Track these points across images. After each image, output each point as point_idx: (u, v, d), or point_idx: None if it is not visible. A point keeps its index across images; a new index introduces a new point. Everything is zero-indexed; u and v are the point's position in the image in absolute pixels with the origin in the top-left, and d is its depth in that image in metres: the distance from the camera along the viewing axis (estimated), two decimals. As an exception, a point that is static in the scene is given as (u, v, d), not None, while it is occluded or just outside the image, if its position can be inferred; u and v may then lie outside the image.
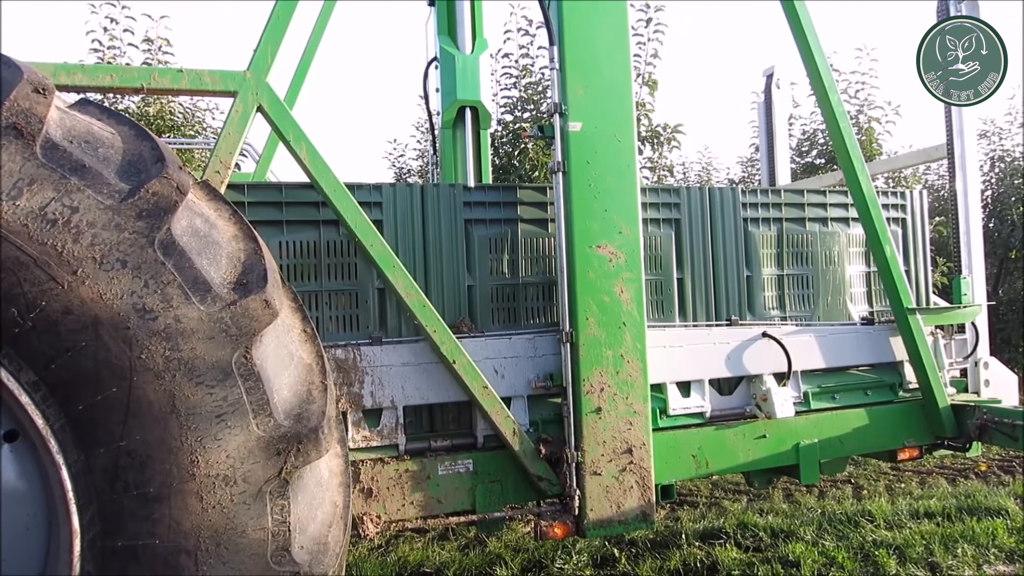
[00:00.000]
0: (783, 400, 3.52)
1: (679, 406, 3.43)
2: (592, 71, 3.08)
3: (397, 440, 2.96)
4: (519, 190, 3.34)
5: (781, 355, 3.59)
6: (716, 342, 3.54)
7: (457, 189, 3.23)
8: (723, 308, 3.65)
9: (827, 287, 3.93)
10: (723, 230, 3.69)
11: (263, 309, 1.88)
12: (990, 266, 10.33)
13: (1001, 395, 4.04)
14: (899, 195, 4.16)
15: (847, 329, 3.88)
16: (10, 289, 1.67)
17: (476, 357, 3.01)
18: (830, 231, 3.96)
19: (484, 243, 3.24)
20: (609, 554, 4.67)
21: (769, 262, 3.81)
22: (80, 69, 2.52)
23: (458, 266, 3.19)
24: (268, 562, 1.84)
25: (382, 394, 2.95)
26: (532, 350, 3.18)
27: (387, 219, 3.09)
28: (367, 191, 3.08)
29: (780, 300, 3.82)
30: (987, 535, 4.68)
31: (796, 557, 4.44)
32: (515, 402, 3.13)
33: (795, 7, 3.60)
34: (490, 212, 3.27)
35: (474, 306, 3.21)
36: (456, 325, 3.10)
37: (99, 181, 1.77)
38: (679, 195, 3.62)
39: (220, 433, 1.79)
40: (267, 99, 2.68)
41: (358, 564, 4.61)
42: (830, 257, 3.95)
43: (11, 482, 1.79)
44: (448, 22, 4.43)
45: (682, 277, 3.59)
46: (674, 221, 3.60)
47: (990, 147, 11.76)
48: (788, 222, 3.86)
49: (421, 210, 3.15)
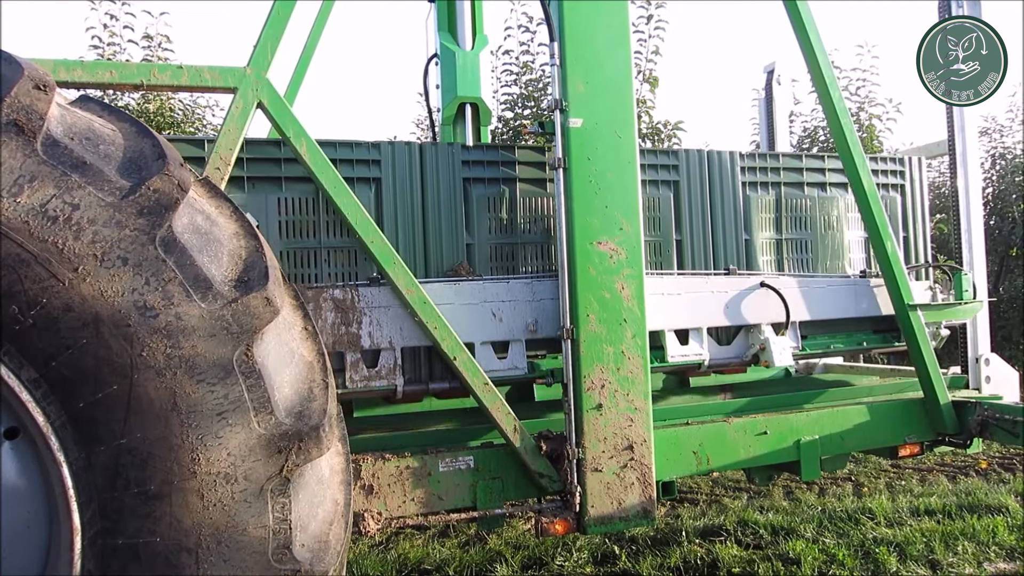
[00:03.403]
0: (781, 349, 3.54)
1: (677, 353, 3.45)
2: (593, 67, 3.07)
3: (396, 381, 2.98)
4: (517, 150, 3.37)
5: (779, 305, 3.61)
6: (714, 291, 3.57)
7: (455, 148, 3.26)
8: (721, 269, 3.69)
9: (826, 251, 3.96)
10: (721, 193, 3.71)
11: (264, 307, 1.88)
12: (991, 263, 10.32)
13: (1002, 392, 4.05)
14: (898, 161, 4.18)
15: (845, 281, 3.92)
16: (11, 286, 1.67)
17: (474, 300, 3.05)
18: (829, 196, 3.97)
19: (482, 202, 3.27)
20: (609, 551, 4.67)
21: (767, 226, 3.84)
22: (80, 65, 2.51)
23: (457, 224, 3.21)
24: (269, 560, 1.84)
25: (380, 335, 2.96)
26: (530, 294, 3.20)
27: (386, 177, 3.12)
28: (365, 149, 3.11)
29: (779, 264, 3.86)
30: (988, 532, 4.68)
31: (796, 554, 4.44)
32: (513, 346, 3.15)
33: (796, 3, 3.59)
34: (488, 171, 3.30)
35: (473, 264, 3.24)
36: (455, 268, 3.14)
37: (100, 178, 1.76)
38: (677, 157, 3.65)
39: (221, 431, 1.79)
40: (267, 95, 2.67)
41: (358, 561, 4.61)
42: (828, 222, 3.97)
43: (12, 480, 1.78)
44: (448, 18, 4.42)
45: (681, 239, 3.63)
46: (673, 183, 3.61)
47: (991, 144, 11.75)
48: (786, 186, 3.89)
49: (420, 168, 3.18)
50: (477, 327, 3.13)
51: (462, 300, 3.12)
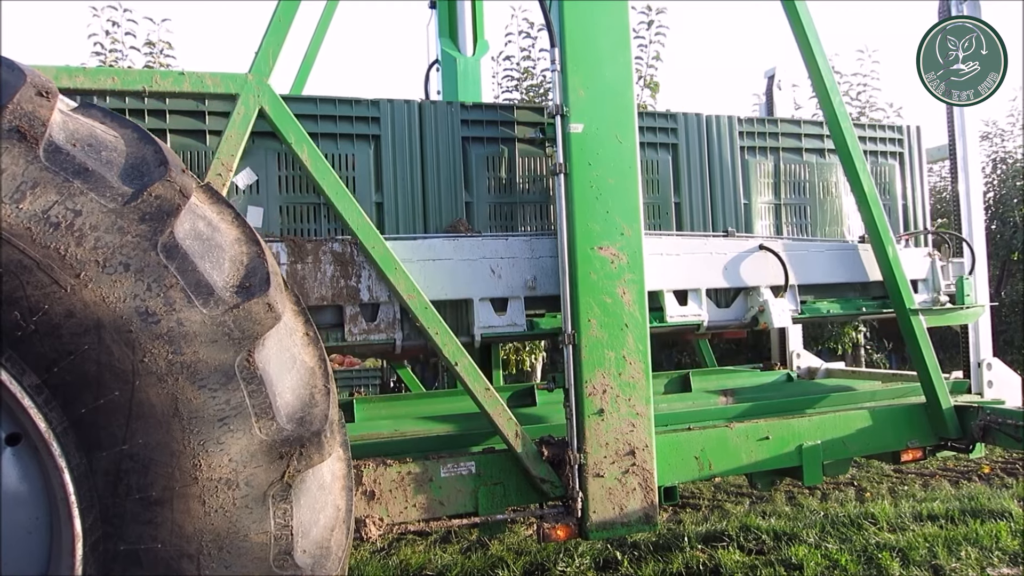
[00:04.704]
0: (780, 311, 3.54)
1: (676, 313, 3.45)
2: (593, 72, 3.08)
3: (395, 336, 2.97)
4: (516, 110, 3.39)
5: (778, 267, 3.62)
6: (713, 252, 3.57)
7: (455, 107, 3.28)
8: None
9: (824, 217, 3.97)
10: (720, 157, 3.73)
11: (266, 312, 1.88)
12: (992, 268, 10.31)
13: (1004, 396, 4.04)
14: (896, 129, 4.19)
15: (843, 246, 3.93)
16: (13, 292, 1.67)
17: (473, 256, 3.06)
18: (827, 162, 3.97)
19: (481, 161, 3.29)
20: (611, 557, 4.66)
21: (766, 191, 3.85)
22: (82, 72, 2.52)
23: (456, 182, 3.23)
24: (270, 566, 1.84)
25: (379, 289, 2.95)
26: (529, 251, 3.20)
27: (385, 135, 3.14)
28: (365, 106, 3.12)
29: (777, 229, 3.88)
30: (991, 538, 4.67)
31: (799, 560, 4.43)
32: (512, 303, 3.16)
33: (796, 8, 3.60)
34: (487, 131, 3.31)
35: (472, 222, 3.26)
36: (454, 225, 3.15)
37: (102, 184, 1.77)
38: (676, 120, 3.66)
39: (223, 437, 1.79)
40: (269, 101, 2.68)
41: (360, 567, 4.60)
42: (827, 188, 3.98)
43: (13, 485, 1.78)
44: (449, 24, 4.44)
45: (679, 201, 3.64)
46: (671, 146, 3.63)
47: (992, 149, 11.76)
48: (785, 152, 3.89)
49: (419, 126, 3.19)
50: (476, 283, 3.12)
51: (461, 256, 3.11)
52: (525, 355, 8.10)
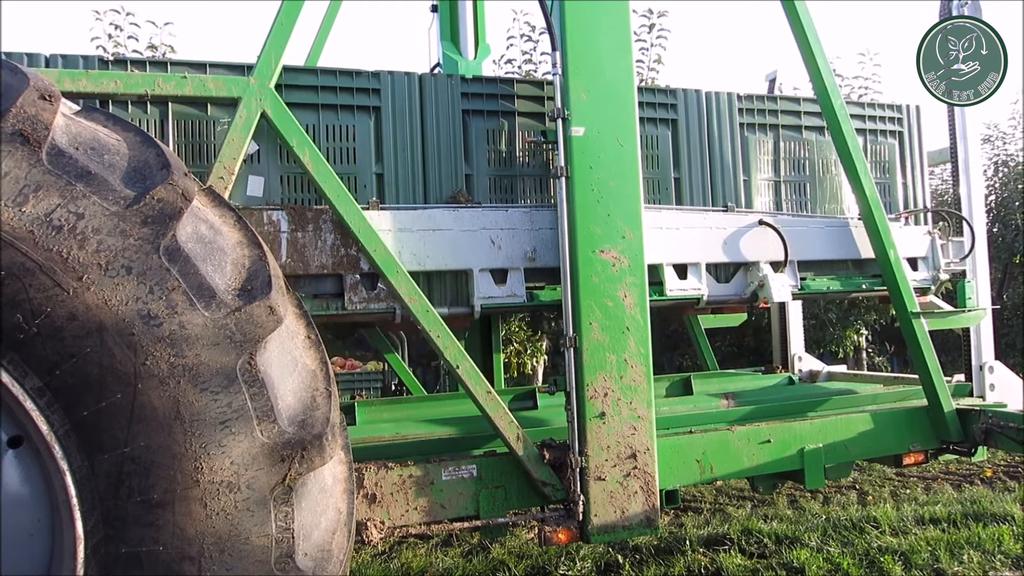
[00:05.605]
0: (780, 286, 3.54)
1: (676, 287, 3.45)
2: (595, 76, 3.08)
3: (394, 305, 2.98)
4: (516, 84, 3.41)
5: (777, 242, 3.63)
6: (713, 226, 3.58)
7: (455, 80, 3.29)
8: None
9: (824, 194, 3.97)
10: (719, 134, 3.73)
11: (267, 315, 1.88)
12: (994, 271, 10.31)
13: (1006, 399, 4.03)
14: (895, 108, 4.20)
15: (843, 222, 3.93)
16: (15, 295, 1.67)
17: (472, 227, 3.08)
18: (827, 140, 3.97)
19: (481, 134, 3.30)
20: (613, 560, 4.65)
21: (766, 168, 3.85)
22: (85, 75, 2.53)
23: (456, 154, 3.24)
24: (272, 569, 1.84)
25: None
26: (529, 223, 3.22)
27: (385, 107, 3.15)
28: (366, 78, 3.14)
29: (777, 206, 3.88)
30: (993, 541, 4.66)
31: (801, 563, 4.42)
32: (512, 274, 3.16)
33: (797, 10, 3.60)
34: (488, 104, 3.33)
35: (472, 195, 3.27)
36: (454, 196, 3.16)
37: (105, 187, 1.77)
38: (676, 96, 3.67)
39: (224, 439, 1.79)
40: (271, 105, 2.68)
41: (361, 570, 4.60)
42: (827, 165, 3.98)
43: (15, 487, 1.79)
44: (451, 28, 4.46)
45: (679, 177, 3.65)
46: (671, 122, 3.64)
47: (994, 152, 11.76)
48: (784, 129, 3.90)
49: (420, 99, 3.20)
50: (476, 254, 3.13)
51: (461, 226, 3.12)
52: (526, 358, 8.11)
